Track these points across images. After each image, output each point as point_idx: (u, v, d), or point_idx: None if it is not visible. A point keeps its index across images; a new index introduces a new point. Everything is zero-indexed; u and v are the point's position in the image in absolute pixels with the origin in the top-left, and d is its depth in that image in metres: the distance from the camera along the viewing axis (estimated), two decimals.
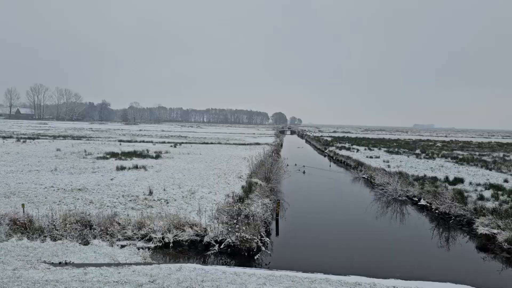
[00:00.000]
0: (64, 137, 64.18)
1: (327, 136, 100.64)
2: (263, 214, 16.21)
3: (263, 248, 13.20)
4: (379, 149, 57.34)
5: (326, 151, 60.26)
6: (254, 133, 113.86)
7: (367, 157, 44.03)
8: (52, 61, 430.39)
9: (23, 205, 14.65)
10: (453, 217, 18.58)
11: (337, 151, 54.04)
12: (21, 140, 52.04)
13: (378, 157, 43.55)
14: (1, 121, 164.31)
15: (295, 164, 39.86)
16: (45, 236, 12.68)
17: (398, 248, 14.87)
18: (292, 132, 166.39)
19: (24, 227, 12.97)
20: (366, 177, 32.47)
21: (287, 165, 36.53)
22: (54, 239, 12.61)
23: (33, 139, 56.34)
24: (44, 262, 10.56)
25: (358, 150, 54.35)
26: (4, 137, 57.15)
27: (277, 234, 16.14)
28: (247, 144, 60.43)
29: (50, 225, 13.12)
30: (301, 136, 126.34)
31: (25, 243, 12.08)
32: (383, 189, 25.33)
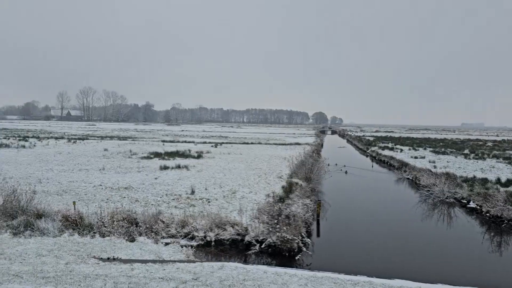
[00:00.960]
0: (111, 137, 66.82)
1: (369, 136, 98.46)
2: (304, 215, 16.10)
3: (304, 249, 13.11)
4: (424, 149, 55.39)
5: (368, 151, 58.96)
6: (294, 133, 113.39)
7: (411, 157, 42.65)
8: (99, 64, 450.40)
9: (74, 202, 15.40)
10: (506, 221, 17.62)
11: (380, 151, 52.73)
12: (72, 141, 54.85)
13: (423, 158, 42.07)
14: (53, 122, 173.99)
15: (336, 164, 39.29)
16: (95, 233, 13.26)
17: (445, 251, 14.27)
18: (333, 132, 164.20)
19: (75, 224, 13.62)
20: (410, 178, 31.46)
21: (328, 164, 36.09)
22: (102, 235, 13.15)
23: (83, 139, 59.13)
24: (94, 257, 11.06)
25: (401, 150, 52.76)
26: (56, 138, 60.40)
27: (318, 235, 15.98)
28: (287, 144, 60.26)
29: (99, 222, 13.71)
30: (342, 136, 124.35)
31: (76, 239, 12.69)
32: (429, 190, 24.44)
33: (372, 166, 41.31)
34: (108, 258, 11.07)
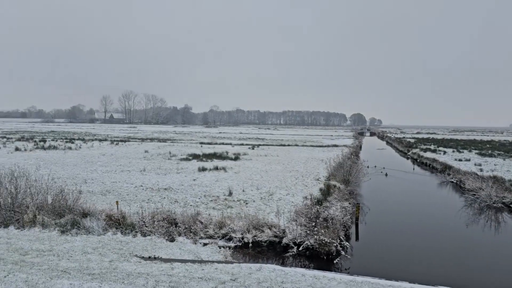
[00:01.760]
0: (151, 139, 68.68)
1: (410, 138, 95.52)
2: (342, 218, 15.85)
3: (343, 253, 12.91)
4: (469, 151, 53.06)
5: (409, 153, 57.23)
6: (331, 135, 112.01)
7: (455, 159, 41.01)
8: (141, 68, 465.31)
9: (117, 202, 15.95)
10: None
11: (421, 153, 51.06)
12: (115, 143, 56.90)
13: (469, 160, 40.33)
14: (97, 125, 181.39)
15: (375, 166, 38.44)
16: (136, 232, 13.66)
17: (493, 259, 13.59)
18: (372, 134, 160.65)
19: (118, 223, 14.09)
20: (454, 182, 30.24)
21: (368, 167, 35.38)
22: (144, 234, 13.53)
23: (125, 141, 61.16)
24: (136, 256, 11.40)
25: (445, 152, 50.83)
26: (100, 140, 62.85)
27: (357, 238, 15.68)
28: (325, 146, 59.61)
29: (140, 222, 14.12)
30: (381, 137, 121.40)
31: (119, 237, 13.13)
32: (474, 194, 23.39)
33: (413, 169, 40.08)
34: (149, 257, 11.38)
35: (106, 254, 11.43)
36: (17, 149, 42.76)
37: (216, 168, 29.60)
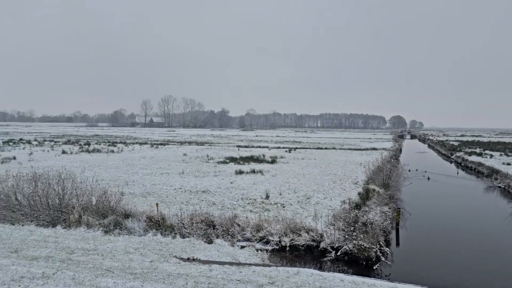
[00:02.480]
0: (189, 143, 69.99)
1: (453, 140, 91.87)
2: (382, 223, 15.47)
3: (383, 258, 12.59)
4: None
5: (452, 156, 55.09)
6: (370, 138, 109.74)
7: (503, 163, 38.99)
8: (179, 73, 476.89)
9: (157, 204, 16.35)
10: None
11: (466, 156, 48.98)
12: (154, 146, 58.47)
13: None
14: (138, 129, 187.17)
15: (416, 170, 37.26)
16: (175, 233, 13.96)
17: None
18: (413, 137, 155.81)
19: (158, 224, 14.45)
20: (502, 187, 28.78)
21: (409, 170, 34.38)
22: (182, 236, 13.80)
23: (164, 145, 62.71)
24: (175, 256, 11.64)
25: (491, 156, 48.48)
26: (140, 143, 64.79)
27: (397, 244, 15.25)
28: (363, 149, 58.48)
29: (179, 223, 14.41)
30: (423, 140, 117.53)
31: (159, 238, 13.46)
32: None
33: (457, 173, 38.51)
34: (188, 258, 11.59)
35: (147, 254, 11.75)
36: (63, 152, 44.85)
37: (253, 171, 29.73)
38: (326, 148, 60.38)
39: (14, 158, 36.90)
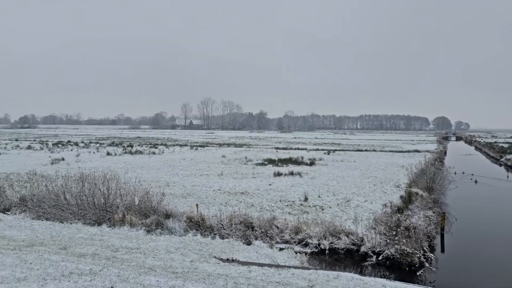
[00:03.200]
0: (228, 145, 70.75)
1: (503, 142, 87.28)
2: (426, 227, 14.92)
3: (427, 264, 12.14)
4: None
5: (502, 159, 52.32)
6: (412, 140, 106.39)
7: None
8: (218, 76, 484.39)
9: (197, 204, 16.65)
10: None
11: None
12: (194, 148, 59.63)
13: None
14: (178, 131, 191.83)
15: (463, 173, 35.71)
16: (215, 234, 14.14)
17: None
18: (458, 138, 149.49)
19: (198, 225, 14.70)
20: None
21: (455, 173, 33.04)
22: (222, 237, 13.96)
23: (203, 146, 63.78)
24: (215, 257, 11.80)
25: None
26: (181, 145, 66.25)
27: (442, 250, 14.66)
28: (405, 152, 56.78)
29: (218, 224, 14.58)
30: (469, 142, 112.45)
31: (199, 239, 13.68)
32: None
33: (508, 176, 36.57)
34: (228, 259, 11.70)
35: (187, 254, 11.98)
36: (108, 153, 46.67)
37: (292, 173, 29.62)
38: (366, 150, 59.16)
39: (63, 159, 38.82)
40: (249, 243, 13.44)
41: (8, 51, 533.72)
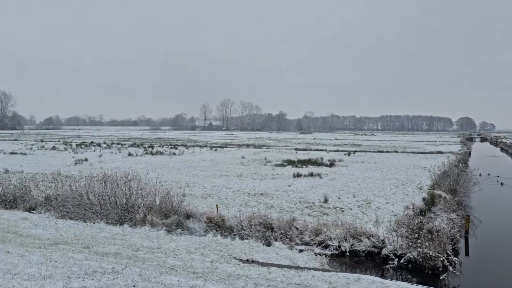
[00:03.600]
0: (247, 146, 70.90)
1: None
2: (449, 230, 14.59)
3: (451, 268, 11.87)
4: None
5: None
6: (435, 141, 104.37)
7: None
8: (237, 76, 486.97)
9: (217, 205, 16.73)
10: None
11: None
12: (213, 149, 60.00)
13: None
14: (198, 132, 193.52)
15: (488, 175, 34.80)
16: (235, 235, 14.18)
17: None
18: (483, 139, 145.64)
19: (217, 225, 14.77)
20: None
21: (480, 175, 32.24)
22: (241, 238, 13.99)
23: (223, 147, 64.08)
24: (235, 258, 11.84)
25: None
26: (200, 146, 66.76)
27: (466, 253, 14.33)
28: (428, 153, 55.72)
29: (238, 225, 14.62)
30: (495, 143, 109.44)
31: (219, 239, 13.75)
32: None
33: None
34: (247, 260, 11.72)
35: (207, 254, 12.06)
36: (129, 154, 47.42)
37: (311, 175, 29.45)
38: (387, 151, 58.34)
39: (86, 159, 39.64)
40: (268, 244, 13.43)
41: (36, 57, 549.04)
